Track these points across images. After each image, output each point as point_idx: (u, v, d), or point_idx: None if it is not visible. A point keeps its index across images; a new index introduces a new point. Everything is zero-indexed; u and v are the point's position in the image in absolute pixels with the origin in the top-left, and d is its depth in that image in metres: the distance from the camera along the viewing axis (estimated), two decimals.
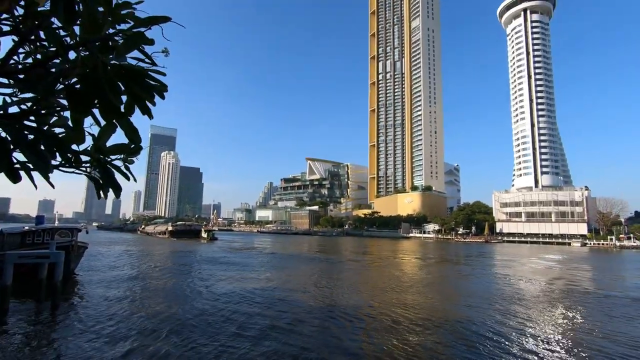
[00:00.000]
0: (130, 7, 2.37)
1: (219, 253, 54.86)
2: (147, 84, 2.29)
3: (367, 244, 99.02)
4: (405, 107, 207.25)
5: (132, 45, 2.19)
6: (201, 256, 49.02)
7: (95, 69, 2.04)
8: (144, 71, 2.29)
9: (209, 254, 52.08)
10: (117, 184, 2.58)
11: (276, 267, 38.43)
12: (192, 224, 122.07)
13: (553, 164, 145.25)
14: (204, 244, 78.70)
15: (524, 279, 34.11)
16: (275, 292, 23.73)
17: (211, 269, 34.64)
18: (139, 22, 2.29)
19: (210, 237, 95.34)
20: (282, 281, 28.53)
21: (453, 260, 55.56)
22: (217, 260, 43.15)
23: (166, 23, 2.30)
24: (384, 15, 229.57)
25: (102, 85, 2.05)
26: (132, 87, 2.22)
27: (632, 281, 35.30)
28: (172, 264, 38.89)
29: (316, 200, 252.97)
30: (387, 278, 32.78)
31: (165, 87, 2.40)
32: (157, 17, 2.29)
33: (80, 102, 2.12)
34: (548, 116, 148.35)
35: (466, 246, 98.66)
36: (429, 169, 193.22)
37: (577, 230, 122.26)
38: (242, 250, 62.12)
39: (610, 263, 58.17)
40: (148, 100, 2.35)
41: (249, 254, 55.69)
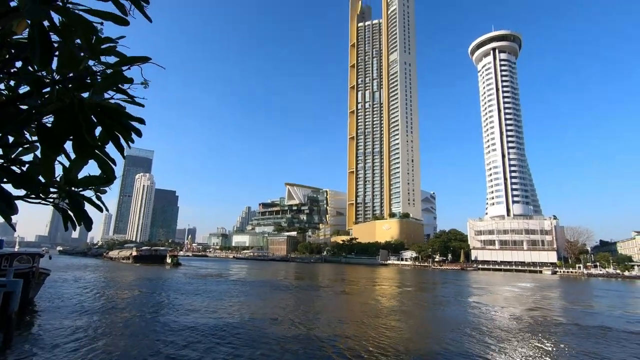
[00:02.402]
0: (112, 42, 2.34)
1: (181, 280, 51.83)
2: (125, 122, 2.25)
3: (345, 271, 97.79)
4: (384, 136, 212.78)
5: (110, 84, 2.19)
6: (162, 284, 46.34)
7: (71, 106, 2.00)
8: (122, 110, 2.26)
9: (170, 282, 49.35)
10: (87, 217, 2.45)
11: (246, 296, 36.91)
12: (157, 249, 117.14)
13: (523, 193, 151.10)
14: (167, 270, 75.37)
15: (497, 308, 34.32)
16: (240, 324, 22.70)
17: (169, 299, 32.58)
18: (119, 62, 2.27)
19: (173, 263, 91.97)
20: (250, 311, 27.37)
21: (430, 289, 55.52)
22: (177, 289, 40.53)
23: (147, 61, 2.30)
24: (364, 48, 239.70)
25: (77, 122, 1.99)
26: (108, 125, 2.19)
27: (601, 310, 36.18)
28: (127, 293, 36.45)
29: (294, 226, 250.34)
30: (364, 307, 32.18)
31: (143, 124, 2.34)
32: (137, 58, 2.29)
33: (53, 139, 2.03)
34: (517, 148, 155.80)
35: (443, 273, 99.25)
36: (406, 196, 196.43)
37: (548, 258, 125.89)
38: (209, 277, 59.17)
39: (580, 291, 59.72)
40: (125, 138, 2.32)
41: (215, 281, 52.87)
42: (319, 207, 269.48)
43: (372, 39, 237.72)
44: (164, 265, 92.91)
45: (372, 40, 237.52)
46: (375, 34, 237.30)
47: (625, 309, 37.30)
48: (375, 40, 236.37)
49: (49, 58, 1.93)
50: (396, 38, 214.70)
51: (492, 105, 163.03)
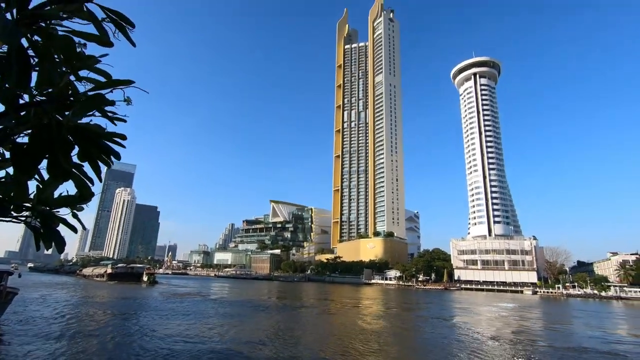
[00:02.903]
0: (95, 61, 2.33)
1: (157, 300, 49.89)
2: (103, 145, 2.23)
3: (328, 290, 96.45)
4: (369, 155, 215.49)
5: (91, 106, 2.15)
6: (136, 304, 44.48)
7: (48, 127, 1.96)
8: (101, 132, 2.23)
9: (145, 301, 47.46)
10: (59, 238, 2.37)
11: (226, 317, 35.72)
12: (134, 266, 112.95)
13: (504, 213, 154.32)
14: (143, 289, 72.66)
15: (480, 329, 34.27)
16: (218, 348, 21.88)
17: (142, 321, 31.10)
18: (102, 84, 2.27)
19: (150, 281, 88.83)
20: (228, 334, 26.46)
21: (414, 309, 55.18)
22: (152, 309, 38.88)
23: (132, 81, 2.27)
24: (350, 69, 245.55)
25: (53, 145, 1.96)
26: (87, 147, 2.15)
27: (580, 331, 36.61)
28: (98, 314, 34.77)
29: (278, 243, 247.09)
30: (347, 329, 31.58)
31: (124, 139, 2.33)
32: (120, 81, 2.29)
33: (26, 161, 1.98)
34: (498, 169, 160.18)
35: (426, 293, 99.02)
36: (390, 215, 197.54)
37: (528, 278, 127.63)
38: (187, 297, 57.16)
39: (560, 312, 60.45)
40: (103, 162, 2.29)
41: (193, 301, 51.01)
42: (304, 224, 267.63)
43: (359, 61, 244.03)
44: (140, 283, 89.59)
45: (359, 62, 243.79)
46: (362, 56, 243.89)
47: (603, 329, 37.86)
48: (361, 62, 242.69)
49: (26, 79, 1.91)
50: (382, 61, 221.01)
51: (473, 128, 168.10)
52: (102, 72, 2.37)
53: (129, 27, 2.35)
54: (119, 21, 2.30)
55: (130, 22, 2.36)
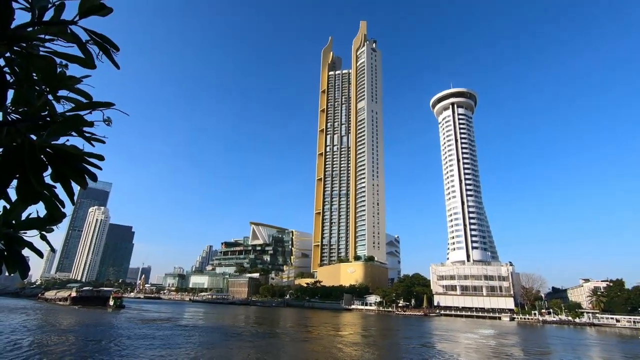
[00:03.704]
0: (76, 81, 2.32)
1: (121, 326, 46.78)
2: (80, 167, 2.15)
3: (307, 316, 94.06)
4: (350, 179, 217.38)
5: (68, 127, 2.11)
6: (98, 331, 41.65)
7: (20, 148, 1.90)
8: (77, 153, 2.14)
9: (108, 328, 44.53)
10: (23, 264, 2.25)
11: (195, 345, 33.99)
12: (100, 290, 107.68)
13: (482, 239, 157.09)
14: (109, 314, 68.73)
15: (458, 357, 33.98)
16: None
17: (101, 351, 28.79)
18: (81, 106, 2.24)
19: (116, 305, 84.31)
20: None
21: (393, 336, 54.34)
22: (115, 337, 36.26)
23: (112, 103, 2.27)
24: (333, 95, 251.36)
25: (24, 165, 1.89)
26: (60, 168, 2.08)
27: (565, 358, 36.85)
28: (53, 342, 32.21)
29: (257, 267, 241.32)
30: (329, 356, 30.63)
31: (101, 160, 2.27)
32: (100, 103, 2.28)
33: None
34: (475, 195, 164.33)
35: (406, 320, 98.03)
36: (371, 239, 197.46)
37: (506, 304, 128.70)
38: (155, 323, 54.12)
39: (536, 339, 60.87)
40: (78, 183, 2.21)
41: (162, 327, 48.22)
42: (284, 247, 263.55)
43: (342, 87, 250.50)
44: (105, 308, 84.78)
45: (342, 88, 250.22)
46: (345, 82, 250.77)
47: (576, 355, 38.27)
48: (344, 88, 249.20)
49: (0, 97, 1.88)
50: (364, 88, 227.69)
51: (451, 155, 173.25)
52: (83, 92, 2.34)
53: (113, 50, 2.34)
54: (103, 44, 2.28)
55: (114, 45, 2.34)
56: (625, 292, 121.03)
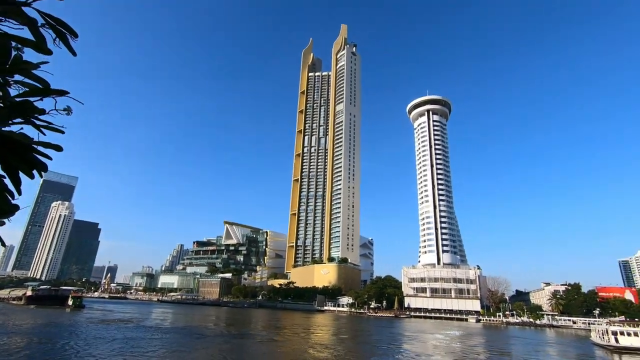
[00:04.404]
0: (33, 67, 2.16)
1: (79, 328, 44.50)
2: (30, 157, 2.01)
3: (279, 317, 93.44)
4: (327, 181, 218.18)
5: (16, 113, 1.99)
6: (54, 332, 39.50)
7: None
8: (26, 142, 2.00)
9: (65, 329, 42.19)
10: None
11: (159, 347, 33.05)
12: (58, 289, 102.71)
13: (452, 243, 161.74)
14: (67, 314, 65.58)
15: (426, 357, 34.81)
16: None
17: (54, 353, 27.35)
18: (31, 91, 2.11)
19: (75, 305, 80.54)
20: None
21: (365, 337, 54.93)
22: (71, 338, 34.54)
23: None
24: (312, 96, 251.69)
25: None
26: (8, 159, 1.94)
27: (523, 357, 38.45)
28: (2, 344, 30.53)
29: (230, 267, 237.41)
30: (298, 358, 30.55)
31: (59, 151, 2.15)
32: (54, 90, 2.16)
33: None
34: (447, 200, 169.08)
35: (377, 321, 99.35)
36: (345, 241, 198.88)
37: (472, 306, 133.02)
38: (117, 324, 51.80)
39: (499, 339, 63.33)
40: (26, 174, 2.07)
41: (124, 328, 46.22)
42: (258, 248, 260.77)
43: (321, 89, 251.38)
44: (64, 307, 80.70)
45: (321, 90, 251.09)
46: (324, 84, 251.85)
47: (534, 355, 40.14)
48: (323, 90, 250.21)
49: None
50: (343, 91, 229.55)
51: (425, 161, 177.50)
52: (40, 79, 2.18)
53: (72, 36, 2.21)
54: (60, 28, 2.15)
55: (72, 31, 2.20)
56: (581, 296, 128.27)
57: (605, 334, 49.79)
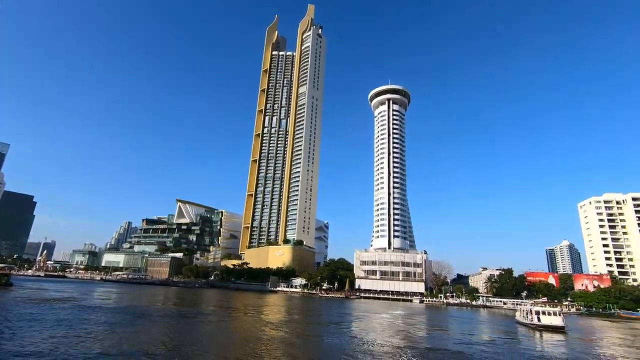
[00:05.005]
0: None
1: (7, 307, 41.04)
2: None
3: (231, 297, 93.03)
4: (286, 163, 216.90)
5: None
6: None
7: None
8: None
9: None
10: None
11: (98, 326, 31.58)
12: None
13: (402, 229, 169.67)
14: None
15: (372, 333, 36.66)
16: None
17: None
18: None
19: (2, 283, 74.66)
20: (97, 346, 23.53)
21: (315, 316, 56.47)
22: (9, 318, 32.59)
23: None
24: (275, 76, 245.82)
25: None
26: None
27: (453, 336, 41.75)
28: None
29: (182, 246, 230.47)
30: (245, 336, 30.69)
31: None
32: None
33: None
34: (401, 188, 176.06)
35: (328, 301, 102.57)
36: (301, 224, 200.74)
37: (418, 288, 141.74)
38: (51, 302, 48.48)
39: (439, 318, 68.37)
40: None
41: (57, 307, 43.41)
42: (212, 228, 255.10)
43: (285, 69, 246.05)
44: None
45: (284, 70, 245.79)
46: (288, 64, 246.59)
47: (470, 332, 43.90)
48: (287, 70, 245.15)
49: None
50: (307, 73, 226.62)
51: (383, 148, 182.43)
52: None
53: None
54: None
55: None
56: (512, 279, 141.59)
57: (529, 313, 55.43)
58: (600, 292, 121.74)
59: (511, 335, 44.64)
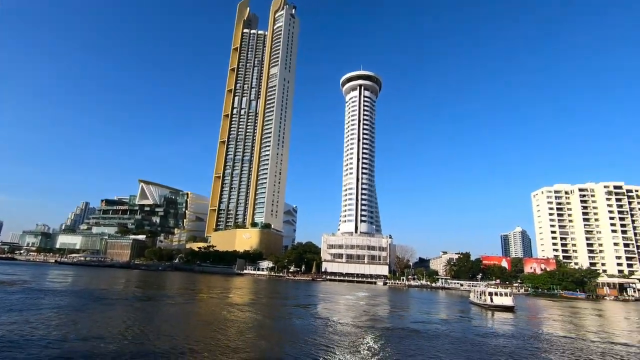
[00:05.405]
0: None
1: None
2: None
3: (197, 280, 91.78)
4: (255, 145, 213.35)
5: None
6: None
7: None
8: None
9: None
10: None
11: (51, 310, 30.22)
12: None
13: (369, 214, 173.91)
14: None
15: (337, 314, 37.76)
16: (28, 345, 18.46)
17: None
18: None
19: None
20: (47, 330, 22.61)
21: (281, 298, 57.14)
22: None
23: None
24: (246, 55, 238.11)
25: None
26: None
27: (411, 315, 43.90)
28: None
29: (144, 228, 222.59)
30: (209, 318, 30.55)
31: None
32: None
33: None
34: (369, 174, 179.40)
35: (295, 284, 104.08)
36: (270, 207, 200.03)
37: (382, 271, 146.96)
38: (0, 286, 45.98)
39: (400, 299, 71.52)
40: None
41: (4, 291, 41.11)
42: (177, 210, 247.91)
43: (256, 48, 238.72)
44: None
45: (256, 50, 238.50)
46: (260, 44, 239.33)
47: (428, 312, 46.40)
48: (258, 50, 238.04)
49: None
50: (279, 53, 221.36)
51: (353, 134, 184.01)
52: None
53: None
54: None
55: None
56: (470, 263, 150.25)
57: (482, 294, 59.32)
58: (546, 275, 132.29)
59: (465, 314, 47.66)
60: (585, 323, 45.37)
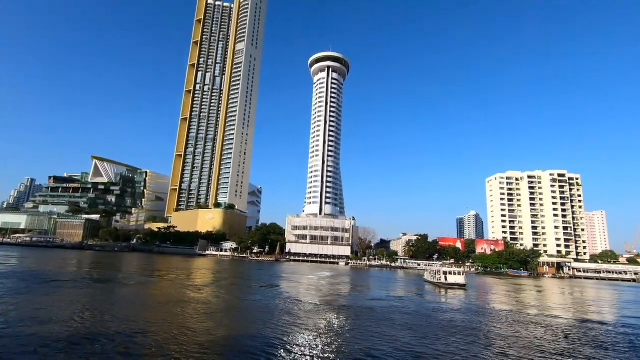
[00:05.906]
0: None
1: None
2: None
3: (156, 261, 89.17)
4: (219, 124, 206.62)
5: None
6: None
7: None
8: None
9: None
10: None
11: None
12: None
13: (334, 196, 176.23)
14: None
15: (298, 293, 38.49)
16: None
17: None
18: None
19: None
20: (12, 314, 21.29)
21: (244, 278, 57.11)
22: None
23: None
24: (210, 28, 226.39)
25: None
26: None
27: (370, 293, 45.74)
28: None
29: (98, 208, 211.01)
30: (168, 300, 29.97)
31: None
32: None
33: None
34: (335, 157, 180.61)
35: (259, 264, 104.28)
36: (234, 188, 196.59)
37: (344, 252, 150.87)
38: None
39: (361, 278, 74.13)
40: None
41: None
42: (135, 189, 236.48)
43: (221, 22, 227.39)
44: None
45: (221, 23, 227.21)
46: (225, 17, 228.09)
47: (386, 290, 48.59)
48: (224, 23, 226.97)
49: None
50: (245, 29, 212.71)
51: (320, 116, 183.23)
52: None
53: None
54: None
55: None
56: (427, 244, 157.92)
57: (437, 273, 62.92)
58: (495, 255, 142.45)
59: (421, 292, 50.47)
60: (526, 299, 49.77)
